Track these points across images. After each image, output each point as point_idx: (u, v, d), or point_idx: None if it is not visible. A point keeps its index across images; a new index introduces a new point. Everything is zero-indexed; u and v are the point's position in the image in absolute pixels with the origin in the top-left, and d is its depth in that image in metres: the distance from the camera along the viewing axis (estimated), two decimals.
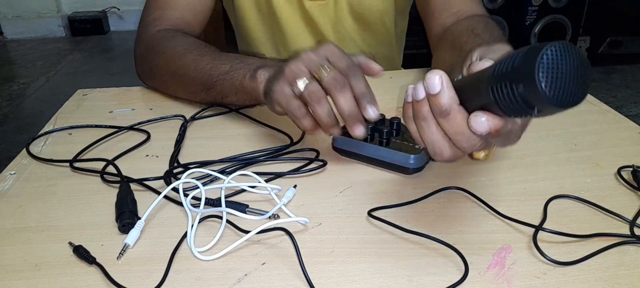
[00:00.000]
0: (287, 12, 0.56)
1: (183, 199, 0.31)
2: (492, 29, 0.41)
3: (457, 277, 0.26)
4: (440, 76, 0.24)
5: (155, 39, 0.48)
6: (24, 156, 0.39)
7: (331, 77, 0.31)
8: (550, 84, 0.18)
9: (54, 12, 2.25)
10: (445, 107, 0.24)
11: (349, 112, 0.31)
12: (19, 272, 0.27)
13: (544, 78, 0.18)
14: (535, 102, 0.19)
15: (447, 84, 0.24)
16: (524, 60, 0.19)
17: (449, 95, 0.24)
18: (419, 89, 0.25)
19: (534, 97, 0.19)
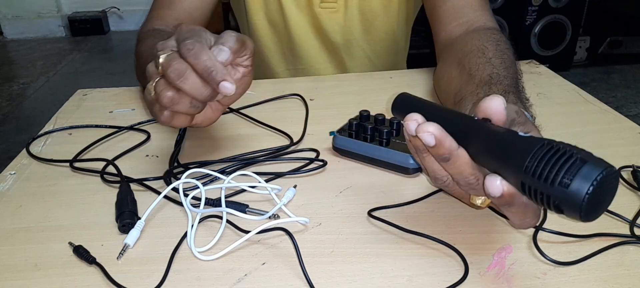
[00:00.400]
0: (296, 17, 0.56)
1: (183, 199, 0.31)
2: (502, 52, 0.39)
3: (457, 277, 0.26)
4: (431, 133, 0.23)
5: (139, 39, 0.48)
6: (24, 156, 0.39)
7: (166, 66, 0.28)
8: (587, 211, 0.18)
9: (54, 12, 2.25)
10: (444, 156, 0.24)
11: (200, 96, 0.29)
12: (19, 271, 0.27)
13: (585, 208, 0.18)
14: (564, 213, 0.19)
15: (442, 136, 0.23)
16: (578, 183, 0.18)
17: (446, 146, 0.23)
18: (411, 125, 0.24)
19: (566, 212, 0.19)
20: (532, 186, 0.20)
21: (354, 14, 0.56)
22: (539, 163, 0.19)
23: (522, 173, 0.20)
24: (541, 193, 0.20)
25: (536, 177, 0.19)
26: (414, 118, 0.24)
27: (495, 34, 0.43)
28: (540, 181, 0.19)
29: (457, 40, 0.45)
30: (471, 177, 0.24)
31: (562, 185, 0.19)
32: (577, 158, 0.19)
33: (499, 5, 1.60)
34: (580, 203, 0.18)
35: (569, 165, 0.19)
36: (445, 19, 0.47)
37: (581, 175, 0.18)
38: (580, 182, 0.18)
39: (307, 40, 0.57)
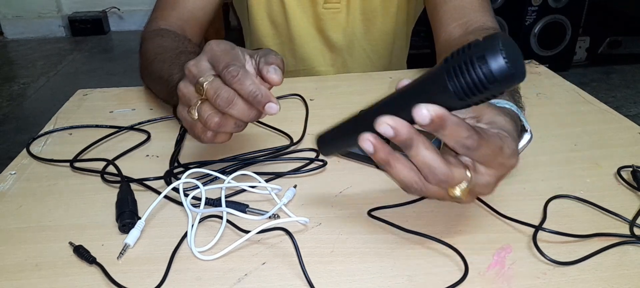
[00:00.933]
0: (299, 17, 0.56)
1: (183, 199, 0.31)
2: None
3: (457, 277, 0.26)
4: (387, 123, 0.22)
5: (143, 39, 0.48)
6: (24, 156, 0.39)
7: (213, 93, 0.29)
8: (508, 59, 0.21)
9: (54, 12, 2.25)
10: (406, 142, 0.23)
11: (247, 118, 0.30)
12: (20, 271, 0.27)
13: (504, 53, 0.21)
14: (494, 77, 0.21)
15: (399, 124, 0.23)
16: (485, 43, 0.21)
17: (405, 131, 0.22)
18: (366, 145, 0.24)
19: (495, 71, 0.21)
20: (454, 71, 0.22)
21: (356, 14, 0.56)
22: (454, 56, 0.22)
23: (442, 68, 0.22)
24: (464, 74, 0.22)
25: (456, 61, 0.22)
26: (366, 137, 0.24)
27: (491, 33, 0.43)
28: (460, 62, 0.22)
29: (456, 41, 0.45)
30: (435, 164, 0.23)
31: (475, 50, 0.21)
32: (477, 40, 0.22)
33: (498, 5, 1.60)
34: (498, 51, 0.21)
35: (474, 41, 0.22)
36: (446, 20, 0.47)
37: (487, 39, 0.21)
38: (489, 41, 0.21)
39: (309, 41, 0.57)
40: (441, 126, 0.22)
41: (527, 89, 0.50)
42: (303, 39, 0.57)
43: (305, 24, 0.56)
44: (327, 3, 0.55)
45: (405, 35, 0.62)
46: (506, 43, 0.21)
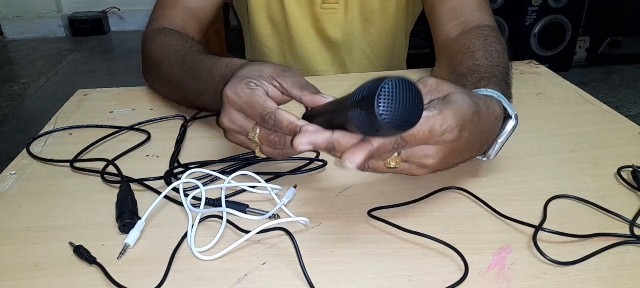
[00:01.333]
0: (297, 17, 0.56)
1: (183, 199, 0.31)
2: (489, 45, 0.40)
3: (457, 277, 0.26)
4: (304, 139, 0.27)
5: (146, 39, 0.48)
6: (24, 156, 0.39)
7: (267, 143, 0.32)
8: (387, 112, 0.23)
9: (54, 12, 2.25)
10: (332, 144, 0.27)
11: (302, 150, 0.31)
12: (19, 271, 0.27)
13: (382, 107, 0.23)
14: (377, 125, 0.23)
15: (316, 135, 0.27)
16: (368, 91, 0.23)
17: (323, 137, 0.27)
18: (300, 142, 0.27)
19: (375, 121, 0.23)
20: (351, 112, 0.25)
21: (354, 14, 0.56)
22: (355, 94, 0.25)
23: (347, 106, 0.25)
24: (357, 114, 0.24)
25: (352, 103, 0.25)
26: (301, 141, 0.27)
27: (486, 30, 0.43)
28: (354, 105, 0.24)
29: (452, 41, 0.45)
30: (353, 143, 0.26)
31: (363, 97, 0.24)
32: (374, 81, 0.24)
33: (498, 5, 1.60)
34: (374, 105, 0.23)
35: (368, 84, 0.24)
36: (444, 20, 0.47)
37: (373, 85, 0.23)
38: (371, 91, 0.23)
39: (308, 41, 0.57)
40: (329, 148, 0.27)
41: (527, 89, 0.50)
42: (302, 38, 0.57)
43: (304, 24, 0.56)
44: (325, 3, 0.55)
45: (404, 36, 0.62)
46: (393, 89, 0.23)
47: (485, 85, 0.34)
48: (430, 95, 0.30)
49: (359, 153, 0.26)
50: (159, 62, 0.45)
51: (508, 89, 0.36)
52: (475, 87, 0.34)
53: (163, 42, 0.46)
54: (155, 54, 0.45)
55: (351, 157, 0.26)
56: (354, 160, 0.25)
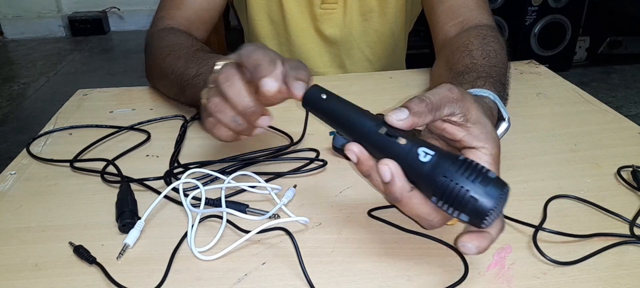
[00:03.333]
0: (296, 17, 0.55)
1: (183, 199, 0.31)
2: (487, 44, 0.40)
3: (457, 277, 0.26)
4: (389, 166, 0.24)
5: (152, 38, 0.48)
6: (24, 156, 0.39)
7: (210, 103, 0.30)
8: (491, 221, 0.23)
9: (54, 12, 2.25)
10: (396, 196, 0.24)
11: (235, 130, 0.30)
12: (19, 271, 0.27)
13: (488, 220, 0.23)
14: (472, 222, 0.23)
15: (396, 173, 0.24)
16: (474, 215, 0.23)
17: (398, 185, 0.24)
18: (360, 167, 0.25)
19: (473, 221, 0.23)
20: (443, 201, 0.24)
21: (353, 14, 0.56)
22: (447, 184, 0.23)
23: (434, 192, 0.24)
24: (449, 206, 0.24)
25: (448, 197, 0.23)
26: (351, 149, 0.25)
27: (485, 29, 0.43)
28: (450, 201, 0.23)
29: (451, 40, 0.45)
30: (429, 217, 0.25)
31: (466, 205, 0.23)
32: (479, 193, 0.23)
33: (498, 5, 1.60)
34: (484, 220, 0.23)
35: (472, 195, 0.23)
36: (443, 20, 0.47)
37: (482, 201, 0.23)
38: (481, 208, 0.23)
39: (306, 41, 0.57)
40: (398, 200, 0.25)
41: (527, 89, 0.50)
42: (301, 39, 0.57)
43: (303, 24, 0.56)
44: (324, 3, 0.55)
45: (404, 36, 0.62)
46: (504, 197, 0.23)
47: (482, 85, 0.34)
48: (453, 107, 0.26)
49: (484, 241, 0.24)
50: (165, 56, 0.44)
51: (504, 90, 0.36)
52: (472, 86, 0.34)
53: (173, 40, 0.45)
54: (162, 51, 0.45)
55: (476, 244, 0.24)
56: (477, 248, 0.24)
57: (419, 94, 0.26)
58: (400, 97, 0.49)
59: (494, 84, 0.34)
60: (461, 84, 0.34)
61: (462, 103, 0.26)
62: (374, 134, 0.25)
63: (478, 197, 0.22)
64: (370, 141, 0.25)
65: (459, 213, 0.23)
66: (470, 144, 0.26)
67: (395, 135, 0.25)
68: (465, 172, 0.23)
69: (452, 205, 0.23)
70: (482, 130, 0.26)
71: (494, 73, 0.36)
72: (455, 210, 0.23)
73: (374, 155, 0.25)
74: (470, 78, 0.35)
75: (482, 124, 0.26)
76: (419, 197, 0.25)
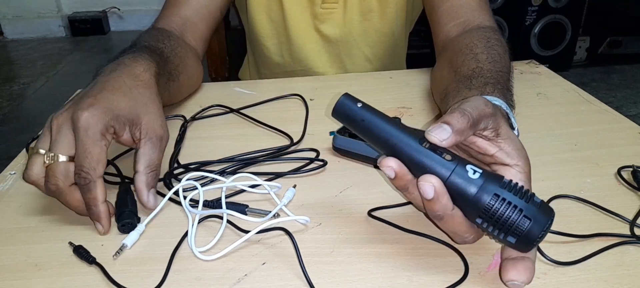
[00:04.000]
0: (296, 17, 0.55)
1: (183, 202, 0.31)
2: (491, 47, 0.39)
3: (457, 277, 0.26)
4: (432, 184, 0.23)
5: None
6: (24, 156, 0.39)
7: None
8: (537, 245, 0.23)
9: (54, 12, 2.25)
10: (438, 213, 0.24)
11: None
12: (19, 272, 0.27)
13: (537, 243, 0.23)
14: (518, 244, 0.23)
15: (441, 191, 0.23)
16: (525, 236, 0.23)
17: (442, 203, 0.24)
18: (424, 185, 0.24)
19: (520, 244, 0.23)
20: (487, 225, 0.24)
21: (353, 14, 0.56)
22: (492, 208, 0.23)
23: (479, 214, 0.24)
24: (494, 231, 0.24)
25: (495, 222, 0.23)
26: (388, 164, 0.24)
27: (488, 31, 0.43)
28: (497, 226, 0.23)
29: (452, 41, 0.45)
30: (466, 234, 0.25)
31: (517, 230, 0.23)
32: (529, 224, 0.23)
33: (498, 5, 1.60)
34: (533, 244, 0.23)
35: (525, 225, 0.23)
36: (444, 20, 0.47)
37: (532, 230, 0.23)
38: (531, 236, 0.23)
39: (306, 41, 0.57)
40: (439, 214, 0.24)
41: (527, 88, 0.50)
42: (301, 38, 0.57)
43: (303, 24, 0.56)
44: (325, 3, 0.55)
45: (404, 37, 0.62)
46: (551, 222, 0.23)
47: (491, 92, 0.33)
48: (487, 121, 0.26)
49: (530, 269, 0.23)
50: None
51: (511, 97, 0.35)
52: (481, 92, 0.33)
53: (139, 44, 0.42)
54: None
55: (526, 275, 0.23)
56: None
57: (455, 105, 0.25)
58: (401, 97, 0.49)
59: (502, 91, 0.34)
60: (469, 89, 0.34)
61: (495, 118, 0.25)
62: (417, 149, 0.24)
63: (532, 219, 0.22)
64: (412, 156, 0.24)
65: (506, 235, 0.23)
66: (503, 160, 0.25)
67: (440, 151, 0.24)
68: (517, 194, 0.23)
69: (499, 226, 0.23)
70: (514, 147, 0.26)
71: (501, 79, 0.36)
72: (501, 232, 0.23)
73: (412, 170, 0.25)
74: (477, 83, 0.34)
75: (513, 140, 0.26)
76: (461, 216, 0.24)
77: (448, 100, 0.36)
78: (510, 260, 0.24)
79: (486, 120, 0.25)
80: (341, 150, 0.38)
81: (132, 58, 0.36)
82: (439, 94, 0.41)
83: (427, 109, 0.46)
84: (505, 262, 0.24)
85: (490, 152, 0.25)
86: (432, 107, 0.46)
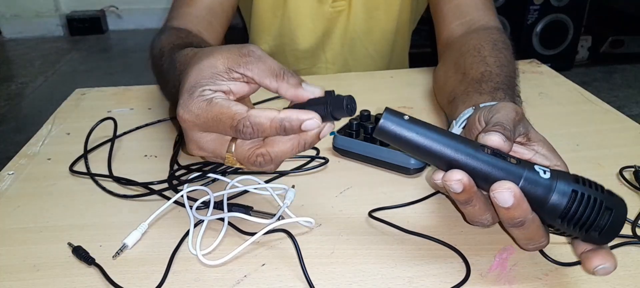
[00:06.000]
0: (301, 14, 0.55)
1: (187, 206, 0.31)
2: (499, 50, 0.39)
3: (459, 279, 0.26)
4: (510, 190, 0.22)
5: (153, 42, 0.47)
6: (22, 156, 0.39)
7: (247, 162, 0.25)
8: None
9: (52, 11, 2.25)
10: (518, 221, 0.23)
11: (291, 155, 0.25)
12: (18, 272, 0.27)
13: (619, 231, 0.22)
14: (602, 237, 0.22)
15: (520, 197, 0.22)
16: (610, 228, 0.22)
17: (523, 208, 0.22)
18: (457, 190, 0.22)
19: (604, 236, 0.22)
20: (568, 224, 0.23)
21: (358, 11, 0.55)
22: (574, 209, 0.22)
23: (561, 215, 0.23)
24: (573, 229, 0.23)
25: (576, 222, 0.23)
26: (457, 178, 0.22)
27: (495, 33, 0.43)
28: (578, 224, 0.23)
29: (457, 40, 0.45)
30: (542, 239, 0.24)
31: (599, 226, 0.22)
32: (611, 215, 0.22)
33: (500, 4, 1.60)
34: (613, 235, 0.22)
35: (608, 219, 0.22)
36: (449, 18, 0.47)
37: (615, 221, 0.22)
38: (615, 226, 0.22)
39: (311, 38, 0.57)
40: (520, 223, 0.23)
41: (529, 88, 0.50)
42: (305, 36, 0.56)
43: (308, 21, 0.56)
44: (335, 2, 0.54)
45: (407, 34, 0.62)
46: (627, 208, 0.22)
47: (502, 98, 0.32)
48: (519, 127, 0.25)
49: (612, 257, 0.23)
50: (152, 64, 0.42)
51: (519, 103, 0.35)
52: (492, 97, 0.33)
53: (164, 43, 0.43)
54: (154, 58, 0.43)
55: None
56: None
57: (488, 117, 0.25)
58: (402, 96, 0.48)
59: (512, 97, 0.33)
60: (480, 94, 0.33)
61: (524, 122, 0.25)
62: (481, 158, 0.22)
63: (613, 209, 0.21)
64: (477, 166, 0.23)
65: (588, 231, 0.22)
66: (541, 163, 0.25)
67: (503, 156, 0.23)
68: (591, 186, 0.22)
69: (582, 223, 0.22)
70: (549, 148, 0.25)
71: (510, 83, 0.35)
72: (583, 229, 0.22)
73: (477, 181, 0.23)
74: (488, 88, 0.34)
75: (543, 141, 0.26)
76: (538, 219, 0.23)
77: (457, 104, 0.35)
78: (588, 251, 0.23)
79: (518, 127, 0.25)
80: (341, 150, 0.37)
81: (171, 63, 0.34)
82: (446, 96, 0.40)
83: (428, 108, 0.45)
84: (586, 254, 0.23)
85: (526, 156, 0.25)
86: (434, 107, 0.46)
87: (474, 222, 0.27)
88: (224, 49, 0.26)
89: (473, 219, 0.26)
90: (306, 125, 0.24)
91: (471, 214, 0.25)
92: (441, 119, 0.44)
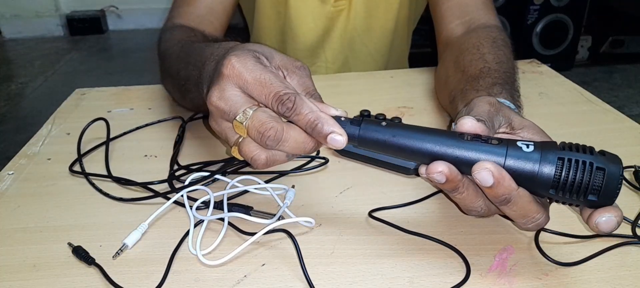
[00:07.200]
0: (302, 14, 0.55)
1: (187, 206, 0.31)
2: (498, 48, 0.39)
3: (459, 279, 0.26)
4: (488, 169, 0.22)
5: (160, 40, 0.47)
6: (22, 156, 0.39)
7: (257, 133, 0.24)
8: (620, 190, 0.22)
9: (52, 11, 2.25)
10: (503, 197, 0.23)
11: (302, 152, 0.25)
12: (17, 272, 0.27)
13: (619, 189, 0.22)
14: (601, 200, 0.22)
15: (499, 174, 0.22)
16: (606, 188, 0.21)
17: (505, 185, 0.22)
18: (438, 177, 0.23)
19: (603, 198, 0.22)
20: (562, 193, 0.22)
21: (359, 11, 0.55)
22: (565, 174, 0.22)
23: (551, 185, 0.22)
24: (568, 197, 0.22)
25: (568, 189, 0.22)
26: (438, 169, 0.23)
27: (494, 31, 0.43)
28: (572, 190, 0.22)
29: (457, 39, 0.45)
30: (537, 215, 0.24)
31: (593, 187, 0.22)
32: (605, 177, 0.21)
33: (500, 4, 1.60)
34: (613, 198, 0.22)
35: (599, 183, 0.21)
36: (448, 17, 0.47)
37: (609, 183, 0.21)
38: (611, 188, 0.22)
39: (312, 37, 0.57)
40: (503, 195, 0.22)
41: (529, 88, 0.50)
42: (306, 35, 0.56)
43: (309, 20, 0.56)
44: (337, 1, 0.54)
45: (407, 34, 0.62)
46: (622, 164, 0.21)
47: (499, 93, 0.33)
48: (499, 119, 0.26)
49: (618, 211, 0.22)
50: (164, 59, 0.43)
51: (518, 98, 0.35)
52: (488, 92, 0.33)
53: (169, 38, 0.44)
54: (160, 54, 0.44)
55: None
56: None
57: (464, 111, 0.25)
58: (402, 96, 0.48)
59: (510, 92, 0.33)
60: (477, 91, 0.33)
61: (502, 112, 0.25)
62: (462, 145, 0.23)
63: (606, 168, 0.21)
64: (459, 154, 0.23)
65: (585, 196, 0.21)
66: None
67: (485, 139, 0.23)
68: (579, 150, 0.21)
69: (576, 189, 0.21)
70: (534, 130, 0.25)
71: (508, 79, 0.35)
72: (579, 195, 0.21)
73: (462, 169, 0.23)
74: (485, 84, 0.34)
75: (529, 126, 0.25)
76: (528, 195, 0.23)
77: (456, 103, 0.35)
78: (593, 212, 0.23)
79: (497, 118, 0.25)
80: (341, 150, 0.37)
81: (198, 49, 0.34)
82: (447, 96, 0.40)
83: (428, 109, 0.45)
84: (590, 216, 0.23)
85: None
86: (434, 107, 0.46)
87: (469, 212, 0.27)
88: (281, 53, 0.28)
89: (467, 208, 0.26)
90: (331, 138, 0.25)
91: (463, 203, 0.26)
92: (442, 119, 0.44)
